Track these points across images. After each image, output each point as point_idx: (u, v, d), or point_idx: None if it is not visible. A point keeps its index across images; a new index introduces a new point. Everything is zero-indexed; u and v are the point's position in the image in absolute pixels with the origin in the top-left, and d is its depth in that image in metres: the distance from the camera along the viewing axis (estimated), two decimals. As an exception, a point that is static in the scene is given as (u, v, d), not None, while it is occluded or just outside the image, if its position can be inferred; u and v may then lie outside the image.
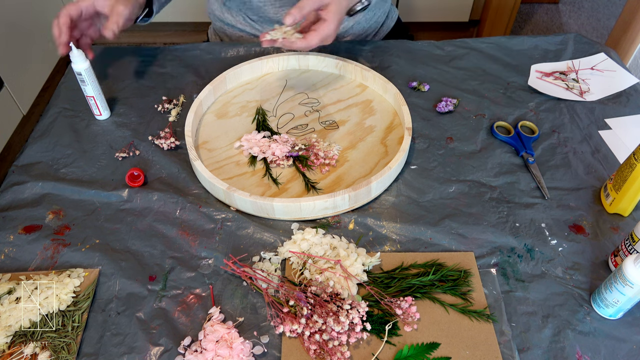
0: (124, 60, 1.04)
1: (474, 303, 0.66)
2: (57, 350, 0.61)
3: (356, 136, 0.88)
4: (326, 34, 0.80)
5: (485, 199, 0.79)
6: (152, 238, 0.74)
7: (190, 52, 1.06)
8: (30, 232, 0.75)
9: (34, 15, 1.96)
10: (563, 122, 0.91)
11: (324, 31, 0.80)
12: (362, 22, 1.10)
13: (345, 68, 0.98)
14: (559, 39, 1.08)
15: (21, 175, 0.82)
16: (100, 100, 0.90)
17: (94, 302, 0.67)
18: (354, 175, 0.81)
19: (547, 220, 0.76)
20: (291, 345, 0.62)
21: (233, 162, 0.84)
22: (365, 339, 0.63)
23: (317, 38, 0.80)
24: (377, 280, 0.68)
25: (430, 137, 0.88)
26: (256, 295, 0.68)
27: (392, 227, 0.75)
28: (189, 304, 0.67)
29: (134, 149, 0.87)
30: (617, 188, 0.74)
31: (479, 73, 1.01)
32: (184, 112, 0.93)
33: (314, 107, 0.93)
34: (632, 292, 0.60)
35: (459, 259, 0.71)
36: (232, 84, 0.97)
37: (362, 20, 1.10)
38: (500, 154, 0.86)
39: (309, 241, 0.71)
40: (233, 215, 0.77)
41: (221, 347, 0.61)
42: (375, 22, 1.13)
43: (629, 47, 1.51)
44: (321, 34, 0.80)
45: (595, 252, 0.72)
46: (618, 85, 0.97)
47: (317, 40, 0.80)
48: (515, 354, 0.62)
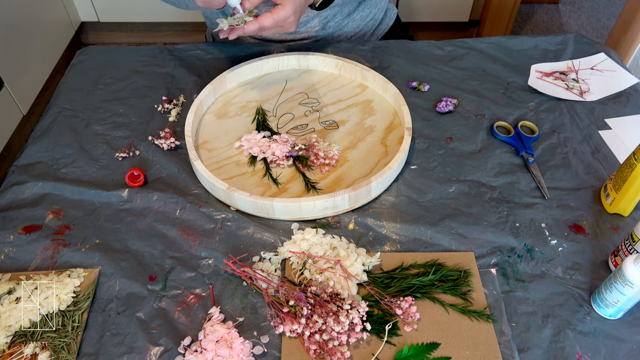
0: (124, 60, 1.05)
1: (474, 303, 0.66)
2: (57, 350, 0.61)
3: (356, 136, 0.88)
4: (280, 17, 0.78)
5: (485, 199, 0.79)
6: (152, 238, 0.74)
7: (190, 52, 1.06)
8: (30, 232, 0.75)
9: (34, 15, 1.96)
10: (563, 122, 0.91)
11: (278, 14, 0.78)
12: (357, 19, 1.10)
13: (345, 68, 0.98)
14: (559, 39, 1.08)
15: (21, 175, 0.82)
16: None
17: (94, 302, 0.67)
18: (354, 175, 0.81)
19: (547, 220, 0.76)
20: (291, 345, 0.62)
21: (233, 162, 0.84)
22: (365, 339, 0.63)
23: (269, 19, 0.77)
24: (377, 280, 0.68)
25: (430, 137, 0.88)
26: (256, 295, 0.68)
27: (392, 227, 0.75)
28: (189, 304, 0.67)
29: (134, 149, 0.87)
30: (617, 188, 0.74)
31: (479, 73, 1.01)
32: (184, 112, 0.93)
33: (314, 107, 0.93)
34: (632, 292, 0.60)
35: (459, 259, 0.71)
36: (232, 84, 0.97)
37: (358, 18, 1.10)
38: (500, 154, 0.86)
39: (309, 241, 0.71)
40: (233, 215, 0.77)
41: (221, 347, 0.61)
42: (372, 20, 1.13)
43: (629, 47, 1.51)
44: (275, 17, 0.77)
45: (595, 252, 0.72)
46: (618, 85, 0.97)
47: (269, 21, 0.77)
48: (515, 354, 0.62)
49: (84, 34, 2.45)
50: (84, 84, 1.00)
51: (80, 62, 1.05)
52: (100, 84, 0.99)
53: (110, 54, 1.07)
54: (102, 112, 0.94)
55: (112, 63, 1.04)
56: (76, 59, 1.06)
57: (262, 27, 0.78)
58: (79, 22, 2.33)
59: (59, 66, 2.14)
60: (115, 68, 1.03)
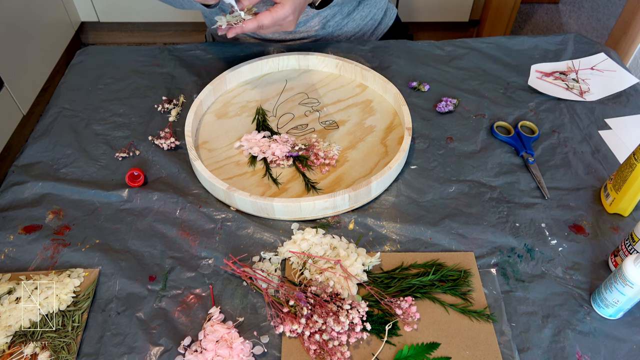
0: (124, 60, 1.04)
1: (474, 303, 0.66)
2: (57, 350, 0.61)
3: (356, 136, 0.88)
4: (279, 16, 0.78)
5: (485, 199, 0.79)
6: (152, 238, 0.74)
7: (190, 52, 1.06)
8: (30, 232, 0.75)
9: (34, 15, 1.96)
10: (563, 122, 0.91)
11: (277, 13, 0.77)
12: (357, 19, 1.10)
13: (345, 68, 0.98)
14: (559, 39, 1.08)
15: (21, 175, 0.82)
16: None
17: (94, 302, 0.67)
18: (354, 175, 0.81)
19: (547, 220, 0.76)
20: (291, 345, 0.62)
21: (233, 162, 0.84)
22: (365, 339, 0.63)
23: (268, 18, 0.77)
24: (377, 280, 0.68)
25: (430, 137, 0.88)
26: (256, 295, 0.68)
27: (392, 227, 0.75)
28: (189, 304, 0.67)
29: (134, 149, 0.87)
30: (617, 188, 0.74)
31: (479, 73, 1.01)
32: (184, 112, 0.93)
33: (314, 107, 0.93)
34: (632, 292, 0.60)
35: (459, 259, 0.71)
36: (232, 84, 0.97)
37: (357, 18, 1.10)
38: (500, 154, 0.86)
39: (309, 241, 0.71)
40: (233, 215, 0.77)
41: (221, 347, 0.61)
42: (372, 20, 1.13)
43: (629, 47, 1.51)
44: (274, 15, 0.77)
45: (595, 252, 0.72)
46: (618, 85, 0.97)
47: (268, 20, 0.77)
48: (515, 354, 0.62)
49: (84, 34, 2.45)
50: (84, 84, 1.00)
51: (80, 62, 1.05)
52: (100, 84, 0.99)
53: (110, 54, 1.07)
54: (102, 112, 0.94)
55: (112, 63, 1.04)
56: (76, 59, 1.06)
57: (260, 25, 0.77)
58: (79, 22, 2.33)
59: (59, 66, 2.14)
60: (115, 68, 1.03)
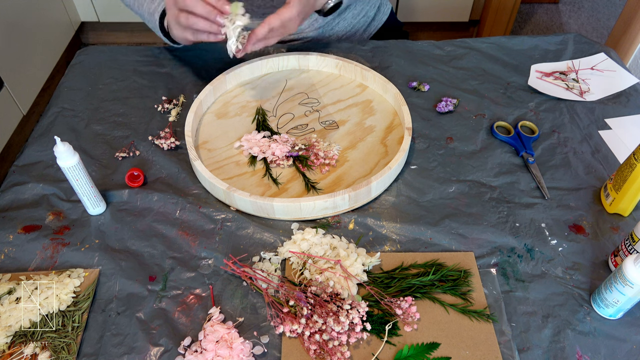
0: (124, 60, 1.04)
1: (474, 303, 0.66)
2: (57, 351, 0.61)
3: (356, 136, 0.88)
4: (287, 17, 0.77)
5: (485, 199, 0.79)
6: (152, 238, 0.74)
7: (190, 52, 1.06)
8: (30, 232, 0.75)
9: (34, 15, 1.96)
10: (563, 122, 0.91)
11: (284, 14, 0.77)
12: (348, 18, 1.10)
13: (345, 68, 0.98)
14: (559, 39, 1.08)
15: (21, 175, 0.82)
16: (95, 194, 0.74)
17: (94, 302, 0.67)
18: (354, 175, 0.81)
19: (547, 220, 0.76)
20: (291, 345, 0.62)
21: (233, 162, 0.84)
22: (365, 339, 0.63)
23: (277, 19, 0.77)
24: (377, 280, 0.68)
25: (430, 137, 0.88)
26: (256, 295, 0.68)
27: (392, 227, 0.75)
28: (189, 304, 0.67)
29: (134, 149, 0.87)
30: (617, 188, 0.74)
31: (479, 73, 1.01)
32: (184, 112, 0.93)
33: (314, 107, 0.93)
34: (632, 292, 0.60)
35: (459, 259, 0.71)
36: (232, 84, 0.97)
37: (349, 17, 1.10)
38: (500, 154, 0.86)
39: (309, 241, 0.71)
40: (233, 215, 0.77)
41: (221, 347, 0.61)
42: (365, 17, 1.13)
43: (629, 47, 1.51)
44: (282, 16, 0.77)
45: (595, 252, 0.72)
46: (618, 85, 0.97)
47: (277, 22, 0.77)
48: (515, 354, 0.62)
49: (84, 34, 2.45)
50: (84, 84, 1.00)
51: (80, 62, 1.05)
52: (100, 84, 0.99)
53: (110, 54, 1.07)
54: (102, 112, 0.94)
55: (112, 63, 1.04)
56: (76, 59, 1.06)
57: (271, 28, 0.78)
58: (79, 22, 2.33)
59: (59, 66, 2.14)
60: (115, 68, 1.03)
